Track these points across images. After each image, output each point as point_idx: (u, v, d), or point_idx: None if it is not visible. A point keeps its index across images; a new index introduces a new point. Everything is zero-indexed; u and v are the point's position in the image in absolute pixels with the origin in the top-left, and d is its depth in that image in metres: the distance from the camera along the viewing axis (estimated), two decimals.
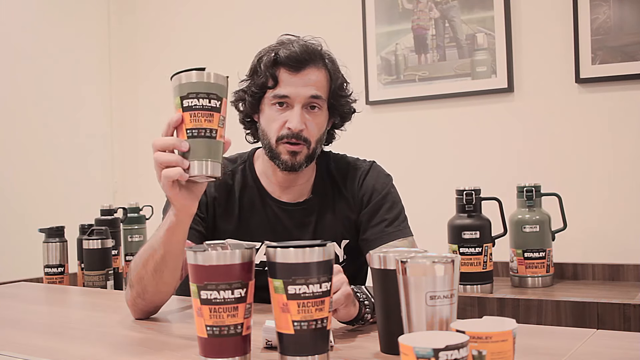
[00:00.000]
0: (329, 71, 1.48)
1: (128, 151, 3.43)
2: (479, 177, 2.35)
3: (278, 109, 1.45)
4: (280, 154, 1.45)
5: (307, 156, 1.46)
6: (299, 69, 1.43)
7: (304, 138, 1.44)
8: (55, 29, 3.21)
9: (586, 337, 1.08)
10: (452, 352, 0.70)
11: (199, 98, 1.09)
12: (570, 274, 2.21)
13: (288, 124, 1.43)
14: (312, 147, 1.47)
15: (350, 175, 1.55)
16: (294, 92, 1.43)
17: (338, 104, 1.51)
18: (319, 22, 2.81)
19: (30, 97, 3.08)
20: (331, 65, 1.49)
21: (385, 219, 1.49)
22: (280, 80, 1.44)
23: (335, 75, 1.50)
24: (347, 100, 1.54)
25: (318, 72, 1.46)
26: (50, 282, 2.22)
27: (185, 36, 3.28)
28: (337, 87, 1.50)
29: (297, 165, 1.45)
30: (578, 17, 2.31)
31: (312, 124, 1.45)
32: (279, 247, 0.92)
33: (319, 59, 1.47)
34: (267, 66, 1.45)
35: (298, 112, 1.43)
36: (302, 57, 1.43)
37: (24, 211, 2.97)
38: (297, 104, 1.43)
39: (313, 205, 1.53)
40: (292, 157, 1.45)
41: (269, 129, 1.46)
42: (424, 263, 0.88)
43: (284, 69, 1.44)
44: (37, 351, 1.13)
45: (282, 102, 1.44)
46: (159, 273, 1.26)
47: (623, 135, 2.28)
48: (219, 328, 0.91)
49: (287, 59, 1.43)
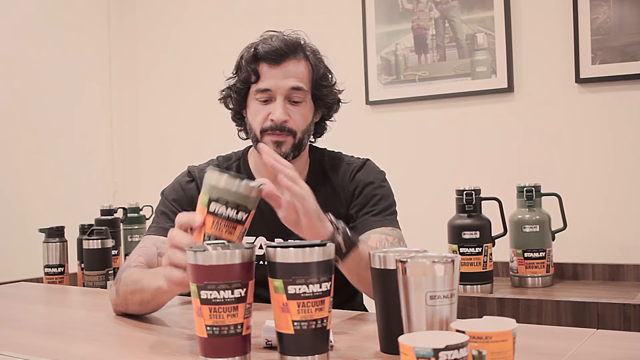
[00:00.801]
0: (310, 62, 1.51)
1: (128, 151, 3.43)
2: (479, 177, 2.35)
3: (261, 102, 1.48)
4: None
5: (293, 145, 1.48)
6: (278, 62, 1.47)
7: (288, 129, 1.46)
8: (55, 28, 3.21)
9: (586, 337, 1.08)
10: (452, 352, 0.70)
11: (228, 207, 1.04)
12: (570, 274, 2.21)
13: (271, 116, 1.46)
14: (299, 137, 1.48)
15: (342, 170, 1.57)
16: (274, 84, 1.46)
17: (321, 94, 1.53)
18: (319, 22, 2.81)
19: (30, 97, 3.08)
20: (312, 57, 1.51)
21: (372, 210, 1.50)
22: (261, 74, 1.47)
23: (317, 66, 1.52)
24: (331, 90, 1.56)
25: (298, 64, 1.49)
26: (50, 282, 2.22)
27: (185, 36, 3.28)
28: (319, 77, 1.52)
29: (282, 155, 1.46)
30: (578, 17, 2.31)
31: (297, 114, 1.48)
32: (279, 247, 0.92)
33: (299, 50, 1.50)
34: (248, 62, 1.48)
35: (280, 103, 1.46)
36: (281, 50, 1.47)
37: (24, 211, 2.97)
38: (279, 96, 1.46)
39: None
40: (277, 148, 1.46)
41: (254, 122, 1.50)
42: (424, 263, 0.88)
43: (264, 63, 1.47)
44: (37, 351, 1.12)
45: (264, 96, 1.47)
46: (143, 305, 1.30)
47: (623, 135, 2.28)
48: (219, 328, 0.91)
49: (266, 53, 1.47)
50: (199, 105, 3.18)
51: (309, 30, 1.58)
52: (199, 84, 3.19)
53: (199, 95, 3.19)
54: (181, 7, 3.31)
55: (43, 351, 1.13)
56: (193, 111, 3.22)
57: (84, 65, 3.33)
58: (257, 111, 1.49)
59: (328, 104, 1.56)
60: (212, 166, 1.21)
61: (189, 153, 3.04)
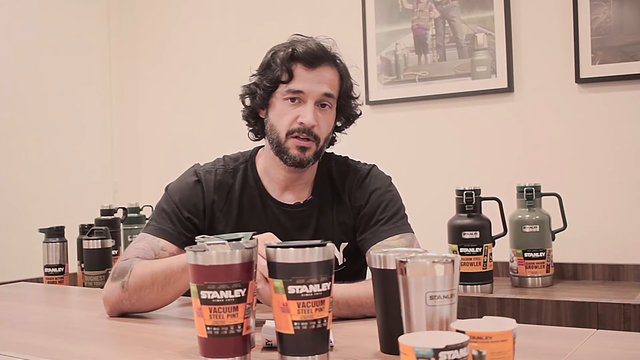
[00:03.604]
0: (340, 72, 1.50)
1: (128, 151, 3.43)
2: (479, 177, 2.35)
3: (290, 104, 1.45)
4: (289, 149, 1.45)
5: (315, 153, 1.47)
6: (315, 65, 1.45)
7: (314, 134, 1.45)
8: (55, 28, 3.21)
9: (586, 337, 1.08)
10: (452, 352, 0.70)
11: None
12: (570, 274, 2.21)
13: (301, 119, 1.43)
14: (321, 145, 1.47)
15: (349, 178, 1.55)
16: (308, 87, 1.44)
17: (347, 105, 1.53)
18: (319, 22, 2.81)
19: (30, 96, 3.08)
20: (342, 67, 1.51)
21: (381, 218, 1.49)
22: (295, 75, 1.45)
23: (347, 77, 1.52)
24: (355, 102, 1.56)
25: (332, 71, 1.48)
26: (50, 282, 2.22)
27: (185, 36, 3.28)
28: (347, 88, 1.52)
29: (305, 161, 1.46)
30: (578, 17, 2.31)
31: (323, 121, 1.47)
32: (279, 247, 0.92)
33: (333, 58, 1.49)
34: (284, 60, 1.45)
35: (311, 107, 1.44)
36: (318, 54, 1.45)
37: (24, 211, 2.97)
38: (310, 100, 1.44)
39: (313, 207, 1.53)
40: (301, 153, 1.45)
41: (279, 123, 1.46)
42: (424, 263, 0.88)
43: (300, 64, 1.45)
44: (37, 351, 1.13)
45: (294, 97, 1.45)
46: (164, 289, 1.31)
47: (623, 135, 2.28)
48: (219, 328, 0.91)
49: (304, 54, 1.44)
50: (199, 105, 3.18)
51: (309, 30, 1.58)
52: (199, 84, 3.19)
53: (199, 94, 3.19)
54: (181, 7, 3.31)
55: (43, 351, 1.13)
56: (193, 111, 3.22)
57: (84, 65, 3.33)
58: (284, 112, 1.46)
59: (349, 115, 1.56)
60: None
61: (189, 153, 3.04)
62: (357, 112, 1.57)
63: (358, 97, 1.56)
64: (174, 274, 1.29)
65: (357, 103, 1.56)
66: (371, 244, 1.45)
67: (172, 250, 1.45)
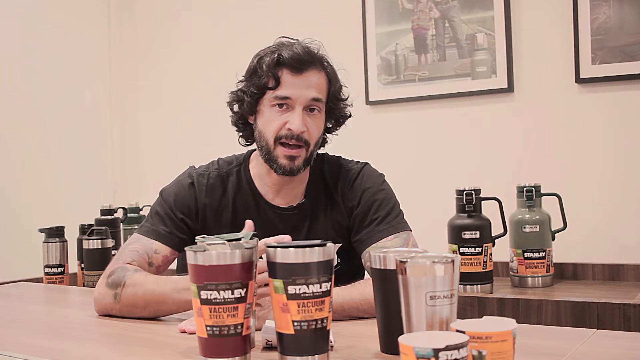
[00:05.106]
0: (328, 74, 1.48)
1: (128, 151, 3.43)
2: (479, 177, 2.35)
3: (278, 110, 1.44)
4: (278, 158, 1.44)
5: (305, 159, 1.46)
6: (301, 70, 1.43)
7: (304, 140, 1.43)
8: (56, 28, 3.21)
9: (586, 337, 1.08)
10: (452, 352, 0.70)
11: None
12: (570, 274, 2.21)
13: (289, 125, 1.42)
14: (311, 150, 1.46)
15: (341, 179, 1.54)
16: (295, 93, 1.42)
17: (336, 108, 1.52)
18: (319, 22, 2.81)
19: (30, 97, 3.08)
20: (330, 69, 1.49)
21: (375, 218, 1.48)
22: (282, 81, 1.43)
23: (335, 79, 1.50)
24: (344, 104, 1.54)
25: (319, 75, 1.46)
26: (50, 282, 2.22)
27: (185, 36, 3.28)
28: (336, 90, 1.50)
29: (295, 169, 1.45)
30: (578, 17, 2.31)
31: (312, 125, 1.45)
32: (279, 247, 0.92)
33: (320, 61, 1.47)
34: (270, 66, 1.43)
35: (299, 113, 1.42)
36: (304, 58, 1.43)
37: (24, 211, 2.97)
38: (298, 106, 1.43)
39: (306, 210, 1.52)
40: (290, 162, 1.44)
41: (267, 129, 1.45)
42: (424, 263, 0.88)
43: (286, 70, 1.43)
44: (37, 351, 1.13)
45: (282, 103, 1.43)
46: (156, 312, 1.33)
47: (623, 135, 2.28)
48: (219, 328, 0.91)
49: (290, 59, 1.42)
50: (199, 105, 3.18)
51: (309, 31, 1.58)
52: (199, 84, 3.19)
53: (199, 95, 3.19)
54: (181, 7, 3.31)
55: (43, 351, 1.13)
56: (193, 111, 3.22)
57: (84, 65, 3.33)
58: (272, 118, 1.44)
59: (339, 117, 1.55)
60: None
61: (188, 153, 3.04)
62: (347, 113, 1.56)
63: (347, 99, 1.55)
64: (168, 306, 1.31)
65: (346, 104, 1.55)
66: (366, 245, 1.45)
67: (165, 252, 1.45)
